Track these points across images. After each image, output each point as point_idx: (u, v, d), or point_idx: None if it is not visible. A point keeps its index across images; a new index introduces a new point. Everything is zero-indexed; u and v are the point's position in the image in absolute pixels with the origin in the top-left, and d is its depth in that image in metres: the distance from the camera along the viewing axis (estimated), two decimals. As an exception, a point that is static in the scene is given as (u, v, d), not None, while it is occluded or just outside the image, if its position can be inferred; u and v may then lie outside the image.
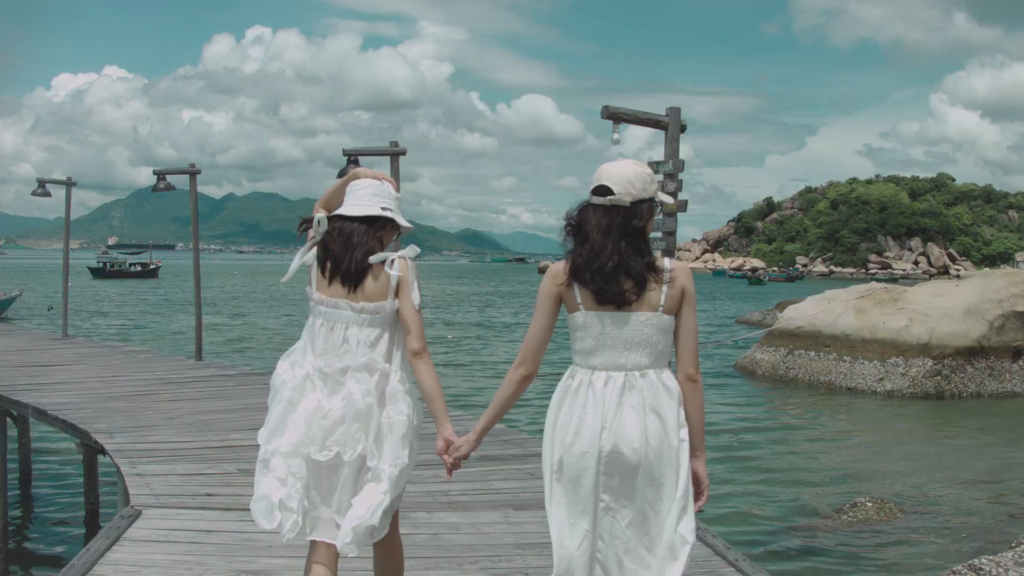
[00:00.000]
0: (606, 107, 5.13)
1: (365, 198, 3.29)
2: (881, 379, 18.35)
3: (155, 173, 12.69)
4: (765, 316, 37.68)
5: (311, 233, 3.31)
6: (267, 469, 3.20)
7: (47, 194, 14.67)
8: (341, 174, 8.72)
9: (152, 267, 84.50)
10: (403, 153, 8.65)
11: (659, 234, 5.54)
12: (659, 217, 5.55)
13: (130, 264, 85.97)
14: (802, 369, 19.89)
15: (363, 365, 3.19)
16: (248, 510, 3.24)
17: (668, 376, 2.88)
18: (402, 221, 3.35)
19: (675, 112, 5.40)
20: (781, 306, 37.83)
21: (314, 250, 3.29)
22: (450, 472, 3.24)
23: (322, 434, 3.17)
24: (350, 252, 3.22)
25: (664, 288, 2.81)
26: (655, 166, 5.40)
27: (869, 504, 9.53)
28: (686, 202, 5.47)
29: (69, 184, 15.09)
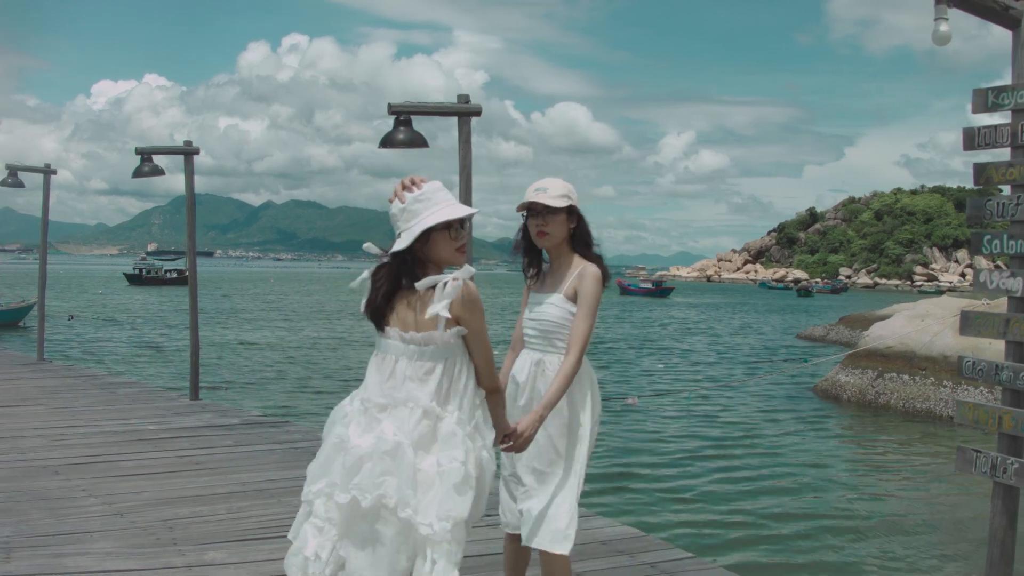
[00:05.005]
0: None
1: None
2: (990, 408, 16.14)
3: (138, 152, 10.16)
4: (829, 331, 35.31)
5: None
6: (308, 514, 2.84)
7: (20, 184, 12.75)
8: (385, 143, 6.63)
9: (188, 274, 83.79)
10: (476, 113, 6.45)
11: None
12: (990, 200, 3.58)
13: (166, 271, 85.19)
14: (895, 394, 17.74)
15: (402, 400, 2.83)
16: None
17: None
18: (406, 241, 2.78)
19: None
20: (846, 320, 35.50)
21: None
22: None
23: (345, 474, 2.76)
24: (375, 287, 2.92)
25: None
26: (1000, 96, 3.43)
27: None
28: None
29: (48, 172, 13.22)
